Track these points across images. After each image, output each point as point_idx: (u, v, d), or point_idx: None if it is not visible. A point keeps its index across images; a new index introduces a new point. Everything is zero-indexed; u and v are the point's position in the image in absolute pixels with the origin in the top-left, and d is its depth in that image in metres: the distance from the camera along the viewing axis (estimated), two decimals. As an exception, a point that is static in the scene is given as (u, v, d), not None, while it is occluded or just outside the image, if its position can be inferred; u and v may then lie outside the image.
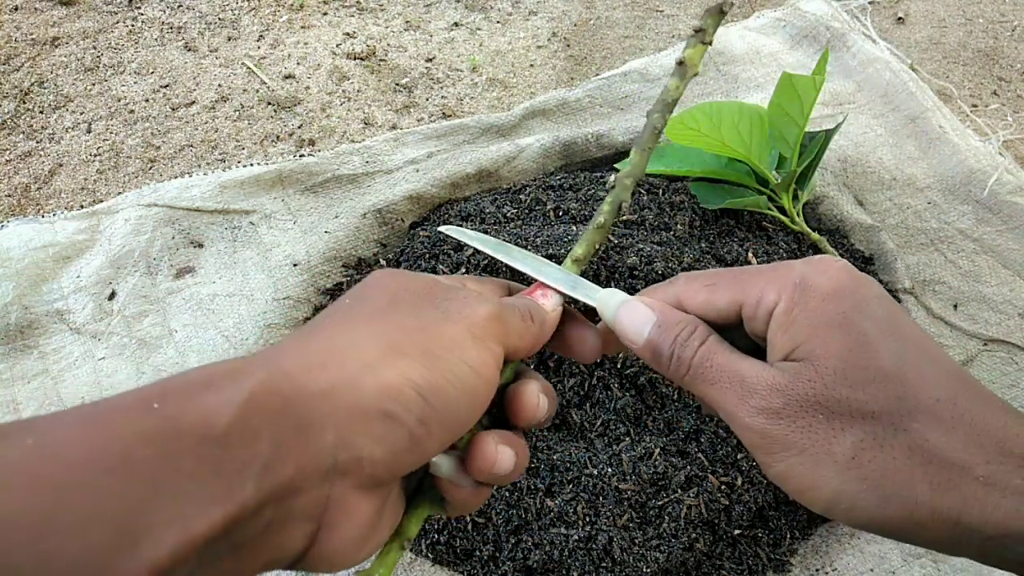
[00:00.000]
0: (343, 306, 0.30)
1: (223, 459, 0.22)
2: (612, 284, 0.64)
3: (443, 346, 0.28)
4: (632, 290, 0.63)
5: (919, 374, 0.28)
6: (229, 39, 1.11)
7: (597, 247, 0.40)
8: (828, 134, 0.72)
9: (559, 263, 0.63)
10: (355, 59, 1.08)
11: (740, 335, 0.33)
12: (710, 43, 0.40)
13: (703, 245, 0.71)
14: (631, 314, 0.34)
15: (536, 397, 0.33)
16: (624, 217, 0.72)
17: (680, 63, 0.40)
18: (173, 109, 1.01)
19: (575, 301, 0.37)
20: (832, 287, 0.30)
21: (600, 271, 0.64)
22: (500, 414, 0.34)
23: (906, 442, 0.27)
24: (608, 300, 0.36)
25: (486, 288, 0.36)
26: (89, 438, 0.21)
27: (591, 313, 0.38)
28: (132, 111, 1.00)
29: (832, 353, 0.28)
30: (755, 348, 0.32)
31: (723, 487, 0.57)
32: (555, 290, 0.37)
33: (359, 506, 0.26)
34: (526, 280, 0.39)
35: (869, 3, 1.11)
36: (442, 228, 0.44)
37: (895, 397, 0.27)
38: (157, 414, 0.21)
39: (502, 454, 0.31)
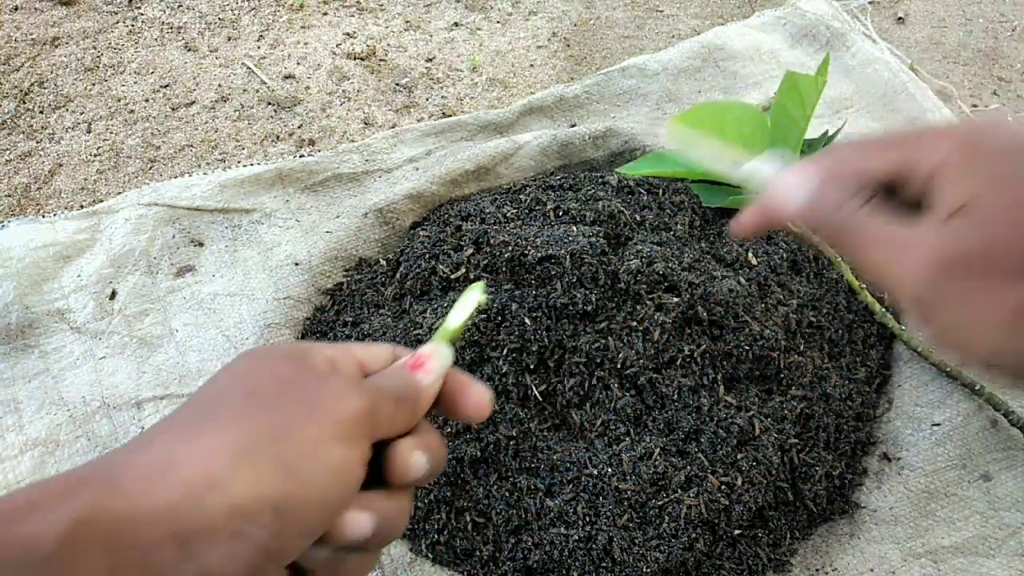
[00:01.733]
0: (194, 405, 0.28)
1: None
2: (612, 286, 0.64)
3: (301, 453, 0.26)
4: (634, 295, 0.63)
5: None
6: (229, 39, 1.11)
7: None
8: (830, 137, 0.72)
9: (561, 264, 0.63)
10: (355, 59, 1.08)
11: (895, 202, 0.33)
12: None
13: (703, 245, 0.71)
14: (790, 178, 0.34)
15: (408, 457, 0.31)
16: (624, 219, 0.72)
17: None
18: (173, 109, 1.01)
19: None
20: (1001, 144, 0.30)
21: (599, 274, 0.64)
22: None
23: None
24: (761, 168, 0.36)
25: (373, 354, 0.34)
26: None
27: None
28: (132, 111, 1.00)
29: (1000, 206, 0.28)
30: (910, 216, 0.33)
31: (723, 487, 0.57)
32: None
33: None
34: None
35: (869, 3, 1.11)
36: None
37: None
38: None
39: (353, 521, 0.28)
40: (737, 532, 0.58)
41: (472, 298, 0.38)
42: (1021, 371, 0.29)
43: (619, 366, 0.62)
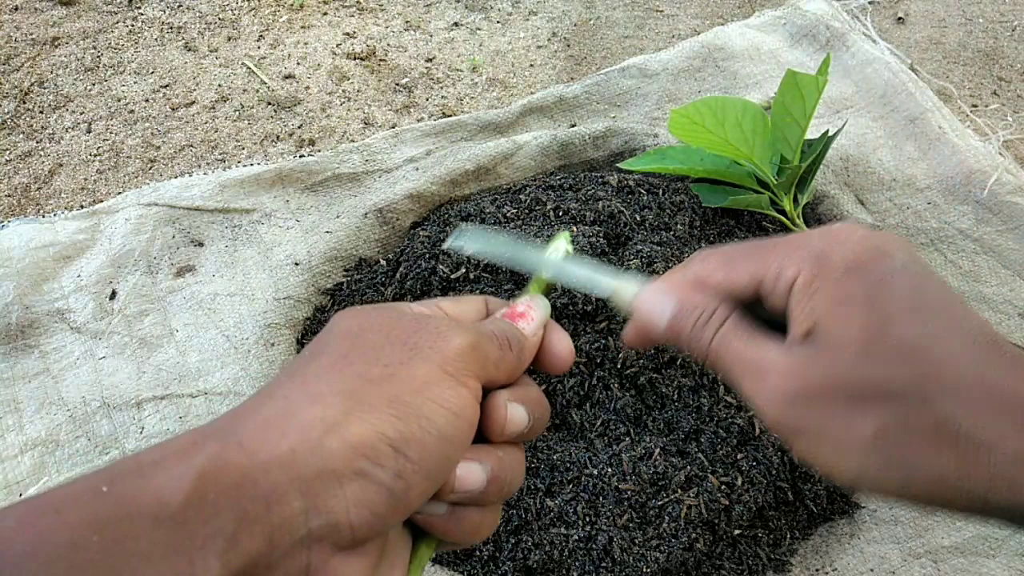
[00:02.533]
0: (301, 360, 0.28)
1: (182, 537, 0.21)
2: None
3: (414, 390, 0.26)
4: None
5: (945, 349, 0.27)
6: (229, 39, 1.11)
7: None
8: (830, 138, 0.72)
9: None
10: (355, 59, 1.08)
11: (765, 309, 0.32)
12: None
13: (703, 245, 0.71)
14: (649, 301, 0.34)
15: (503, 408, 0.30)
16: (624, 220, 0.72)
17: None
18: (173, 109, 1.01)
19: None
20: (852, 260, 0.29)
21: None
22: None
23: (931, 421, 0.26)
24: (625, 289, 0.35)
25: (462, 309, 0.34)
26: (36, 529, 0.20)
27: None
28: (132, 111, 1.00)
29: (852, 332, 0.28)
30: (783, 323, 0.32)
31: (723, 487, 0.57)
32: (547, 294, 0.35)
33: (345, 569, 0.24)
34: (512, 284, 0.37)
35: (869, 3, 1.11)
36: (446, 245, 0.39)
37: (919, 375, 0.26)
38: (107, 498, 0.21)
39: (464, 471, 0.28)
40: (737, 532, 0.58)
41: (559, 247, 0.38)
42: (886, 492, 0.28)
43: (619, 366, 0.62)
